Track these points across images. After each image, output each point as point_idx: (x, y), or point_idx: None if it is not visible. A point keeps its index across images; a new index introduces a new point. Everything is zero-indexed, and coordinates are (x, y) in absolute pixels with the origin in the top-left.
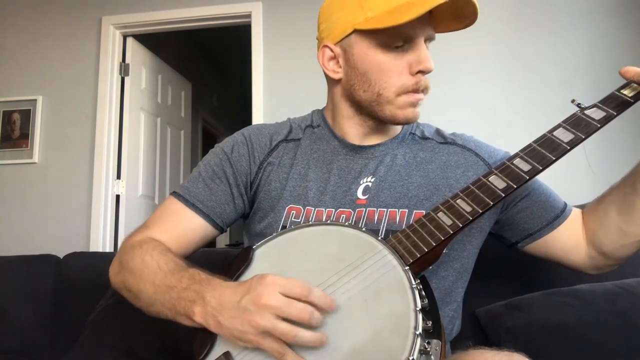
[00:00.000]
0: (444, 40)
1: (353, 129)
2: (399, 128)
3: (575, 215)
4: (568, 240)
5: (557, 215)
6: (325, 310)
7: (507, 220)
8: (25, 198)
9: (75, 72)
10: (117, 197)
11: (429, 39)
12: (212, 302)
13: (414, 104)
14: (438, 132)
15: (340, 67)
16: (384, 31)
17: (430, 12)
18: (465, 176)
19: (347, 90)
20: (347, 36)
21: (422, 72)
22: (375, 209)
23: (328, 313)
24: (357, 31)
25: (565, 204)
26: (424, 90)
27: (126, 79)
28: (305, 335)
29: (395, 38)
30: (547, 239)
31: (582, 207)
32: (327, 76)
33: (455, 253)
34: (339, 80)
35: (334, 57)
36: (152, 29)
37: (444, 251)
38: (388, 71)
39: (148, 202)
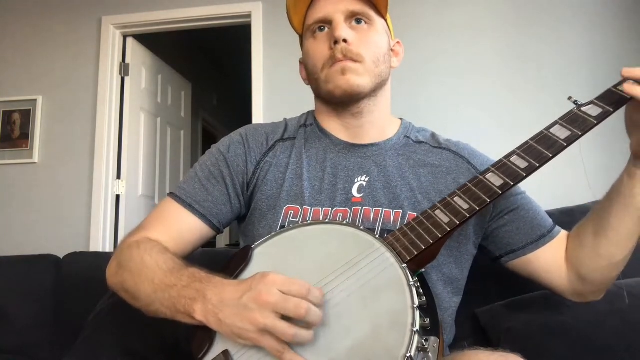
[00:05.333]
0: (445, 40)
1: (335, 125)
2: (392, 130)
3: (561, 237)
4: (551, 261)
5: (542, 234)
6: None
7: (492, 232)
8: (25, 198)
9: (75, 72)
10: (117, 197)
11: (353, 14)
12: (213, 300)
13: (341, 72)
14: (433, 136)
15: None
16: (308, 23)
17: None
18: (456, 183)
19: (312, 89)
20: (302, 45)
21: (335, 42)
22: (370, 208)
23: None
24: (301, 37)
25: (554, 225)
26: (347, 59)
27: (126, 79)
28: (304, 335)
29: (314, 23)
30: (530, 257)
31: (582, 207)
32: None
33: (443, 259)
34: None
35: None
36: (152, 29)
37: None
38: (314, 54)
39: (148, 202)
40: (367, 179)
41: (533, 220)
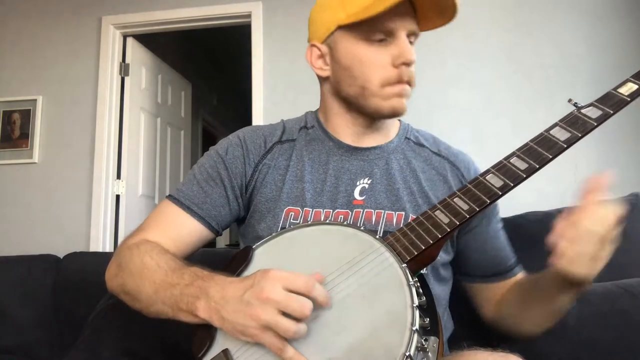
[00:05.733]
0: (445, 42)
1: (346, 128)
2: (393, 132)
3: (511, 281)
4: (489, 297)
5: (496, 272)
6: (324, 306)
7: (458, 252)
8: (25, 198)
9: (75, 72)
10: (117, 197)
11: (412, 33)
12: (215, 297)
13: (399, 94)
14: (435, 140)
15: (328, 64)
16: (364, 25)
17: (413, 8)
18: (450, 192)
19: (335, 87)
20: (331, 34)
21: (405, 64)
22: (372, 210)
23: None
24: (340, 28)
25: (514, 265)
26: (409, 82)
27: (126, 79)
28: (304, 331)
29: (375, 32)
30: (477, 286)
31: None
32: (317, 75)
33: (442, 261)
34: (327, 78)
35: (322, 56)
36: (152, 29)
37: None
38: (371, 64)
39: (148, 202)
40: (369, 182)
41: (494, 258)
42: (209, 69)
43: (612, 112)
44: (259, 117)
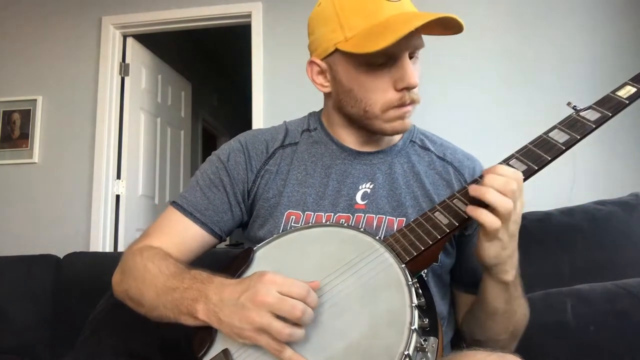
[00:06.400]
0: (444, 44)
1: (349, 137)
2: (398, 135)
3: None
4: (462, 306)
5: (470, 283)
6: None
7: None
8: (25, 198)
9: (75, 72)
10: (117, 197)
11: (416, 49)
12: (214, 299)
13: (401, 117)
14: (442, 144)
15: (329, 81)
16: (364, 49)
17: None
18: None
19: (337, 103)
20: (331, 54)
21: (407, 88)
22: (374, 215)
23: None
24: (339, 50)
25: None
26: (412, 103)
27: (126, 79)
28: (299, 335)
29: (376, 57)
30: (458, 293)
31: (582, 207)
32: None
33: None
34: (329, 94)
35: (322, 72)
36: (152, 29)
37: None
38: (372, 89)
39: (148, 202)
40: (371, 186)
41: (476, 270)
42: (209, 69)
43: (610, 114)
44: (259, 117)
